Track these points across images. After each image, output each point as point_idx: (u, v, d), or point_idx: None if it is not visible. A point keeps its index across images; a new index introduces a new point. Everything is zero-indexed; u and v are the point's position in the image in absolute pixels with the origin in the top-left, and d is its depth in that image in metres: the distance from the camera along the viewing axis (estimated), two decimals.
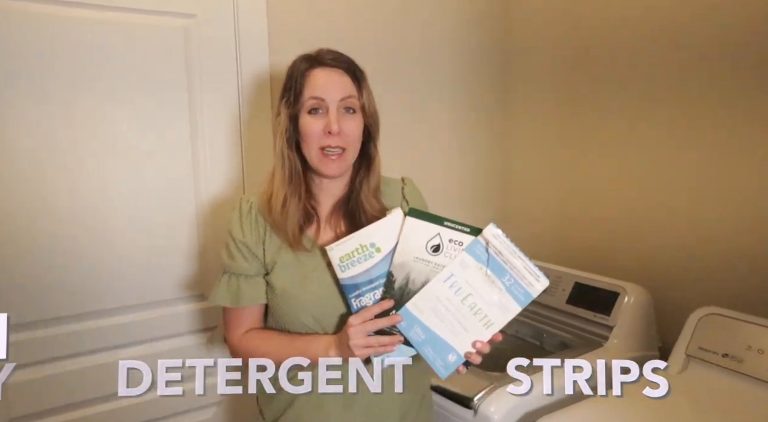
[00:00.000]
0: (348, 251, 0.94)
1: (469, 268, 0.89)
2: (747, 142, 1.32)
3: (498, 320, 0.90)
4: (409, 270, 0.93)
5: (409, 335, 0.91)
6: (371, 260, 0.94)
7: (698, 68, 1.38)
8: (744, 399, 1.09)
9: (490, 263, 0.89)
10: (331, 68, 0.99)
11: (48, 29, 1.17)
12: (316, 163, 0.99)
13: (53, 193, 1.21)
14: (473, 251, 0.90)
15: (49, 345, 1.24)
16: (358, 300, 0.94)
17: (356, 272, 0.94)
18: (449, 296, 0.90)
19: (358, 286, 0.94)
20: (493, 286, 0.89)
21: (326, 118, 0.96)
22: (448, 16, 1.73)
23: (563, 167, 1.76)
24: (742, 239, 1.34)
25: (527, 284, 0.89)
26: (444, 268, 0.91)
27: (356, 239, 0.94)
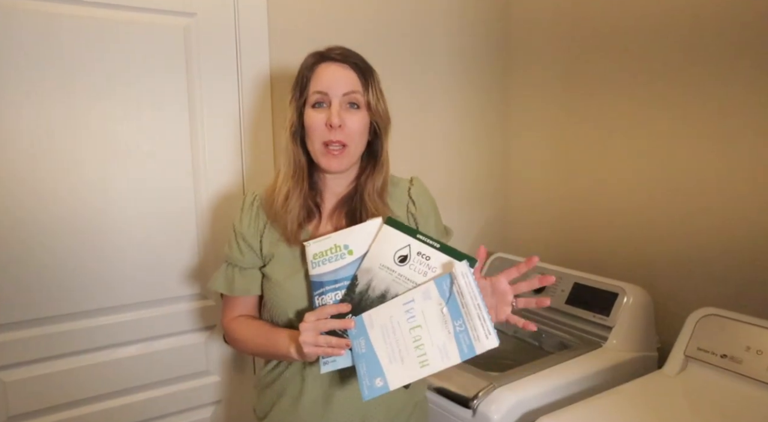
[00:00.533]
0: (322, 249, 0.95)
1: (430, 299, 0.88)
2: (747, 145, 1.32)
3: (435, 363, 0.86)
4: (372, 276, 0.92)
5: (353, 344, 0.90)
6: (341, 261, 0.94)
7: (705, 64, 1.38)
8: (742, 399, 1.09)
9: (449, 302, 0.87)
10: (337, 63, 0.99)
11: (47, 27, 1.17)
12: (319, 157, 0.99)
13: (52, 192, 1.21)
14: (440, 285, 0.88)
15: (49, 343, 1.24)
16: (321, 298, 0.94)
17: (325, 270, 0.94)
18: (401, 321, 0.88)
19: (323, 284, 0.94)
20: (444, 326, 0.86)
21: (329, 111, 0.97)
22: (449, 15, 1.73)
23: (564, 167, 1.76)
24: (741, 241, 1.34)
25: (475, 337, 0.85)
26: (406, 292, 0.90)
27: (333, 239, 0.95)
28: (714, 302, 1.35)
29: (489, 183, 1.91)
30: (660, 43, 1.46)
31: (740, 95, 1.31)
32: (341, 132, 0.97)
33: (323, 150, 0.98)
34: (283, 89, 1.44)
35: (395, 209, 1.07)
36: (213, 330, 1.43)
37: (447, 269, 0.90)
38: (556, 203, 1.79)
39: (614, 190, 1.62)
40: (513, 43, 1.86)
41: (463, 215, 1.86)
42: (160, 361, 1.37)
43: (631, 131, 1.56)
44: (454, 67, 1.76)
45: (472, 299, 0.85)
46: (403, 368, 0.87)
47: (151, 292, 1.34)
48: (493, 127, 1.89)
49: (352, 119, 0.98)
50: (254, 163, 1.44)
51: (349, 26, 1.55)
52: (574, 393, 1.22)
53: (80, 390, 1.29)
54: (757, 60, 1.27)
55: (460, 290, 0.86)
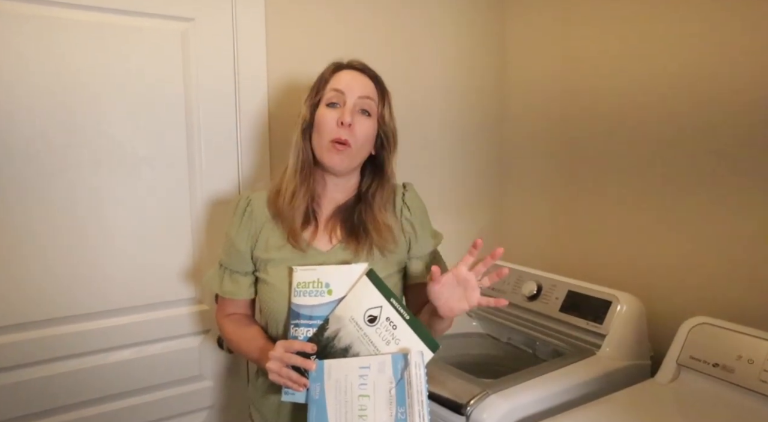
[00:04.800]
0: (306, 280, 0.96)
1: (383, 374, 0.89)
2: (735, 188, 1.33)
3: None
4: (341, 327, 0.94)
5: (310, 386, 0.91)
6: (320, 299, 0.95)
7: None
8: (734, 408, 1.10)
9: (398, 385, 0.89)
10: (357, 71, 1.04)
11: (45, 32, 1.17)
12: (323, 152, 1.01)
13: (48, 196, 1.20)
14: (395, 363, 0.90)
15: (41, 347, 1.24)
16: (295, 329, 0.96)
17: (304, 302, 0.96)
18: (353, 384, 0.90)
19: (299, 316, 0.96)
20: (388, 407, 0.88)
21: (342, 110, 1.00)
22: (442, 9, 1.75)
23: (558, 178, 1.77)
24: (733, 251, 1.35)
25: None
26: (366, 357, 0.91)
27: (318, 273, 0.96)
28: (706, 311, 1.36)
29: (485, 190, 1.92)
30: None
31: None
32: (350, 131, 0.99)
33: (329, 146, 1.00)
34: (281, 94, 1.45)
35: (391, 215, 1.08)
36: (207, 335, 1.43)
37: (408, 347, 0.91)
38: (550, 212, 1.80)
39: (609, 201, 1.63)
40: (509, 79, 1.87)
41: (459, 224, 1.87)
42: (154, 365, 1.37)
43: (629, 142, 1.57)
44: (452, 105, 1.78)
45: (417, 393, 0.88)
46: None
47: (144, 296, 1.34)
48: (489, 138, 1.90)
49: (361, 123, 1.01)
50: (250, 168, 1.44)
51: (348, 31, 1.56)
52: (568, 401, 1.22)
53: (73, 394, 1.28)
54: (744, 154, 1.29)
55: (410, 378, 0.88)
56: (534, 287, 1.60)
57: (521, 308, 1.63)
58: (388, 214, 1.07)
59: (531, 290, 1.60)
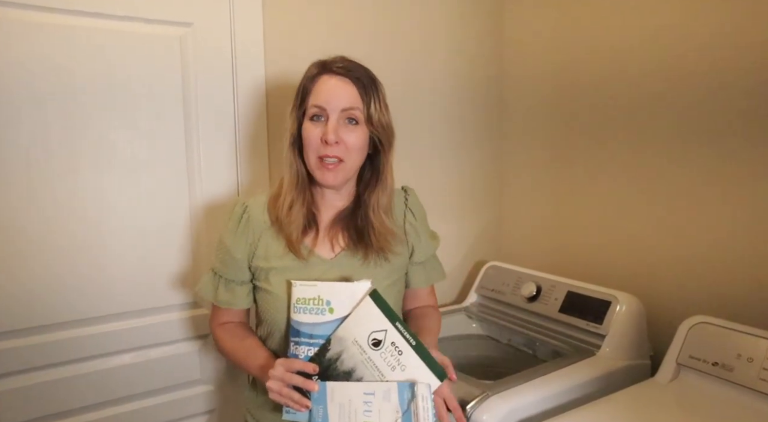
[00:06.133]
0: (306, 296, 0.93)
1: (389, 402, 0.88)
2: (733, 168, 1.34)
3: None
4: (343, 349, 0.91)
5: (312, 407, 0.90)
6: (321, 317, 0.93)
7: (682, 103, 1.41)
8: (734, 407, 1.10)
9: (404, 415, 0.88)
10: (338, 77, 0.97)
11: (45, 38, 1.17)
12: (314, 170, 0.99)
13: (47, 200, 1.21)
14: (401, 392, 0.88)
15: (41, 352, 1.24)
16: (295, 347, 0.94)
17: (304, 320, 0.93)
18: (357, 409, 0.89)
19: (299, 333, 0.94)
20: None
21: (325, 127, 0.96)
22: (443, 14, 1.75)
23: (558, 177, 1.77)
24: (731, 250, 1.36)
25: None
26: (371, 383, 0.90)
27: (318, 290, 0.93)
28: (706, 310, 1.36)
29: (484, 192, 1.92)
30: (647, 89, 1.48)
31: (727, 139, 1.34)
32: (337, 148, 0.96)
33: (318, 164, 0.97)
34: (279, 99, 1.46)
35: (392, 218, 1.07)
36: (206, 339, 1.43)
37: (415, 375, 0.90)
38: (549, 213, 1.80)
39: (607, 201, 1.63)
40: (509, 74, 1.88)
41: (458, 225, 1.87)
42: (153, 370, 1.37)
43: (628, 146, 1.57)
44: (452, 89, 1.79)
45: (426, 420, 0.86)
46: None
47: (144, 301, 1.34)
48: (490, 143, 1.91)
49: (349, 135, 0.96)
50: (250, 172, 1.44)
51: (347, 35, 1.56)
52: (568, 401, 1.22)
53: (73, 400, 1.28)
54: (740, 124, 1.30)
55: (416, 411, 0.87)
56: (533, 288, 1.61)
57: (521, 310, 1.63)
58: (389, 216, 1.05)
59: (530, 291, 1.61)
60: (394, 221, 1.07)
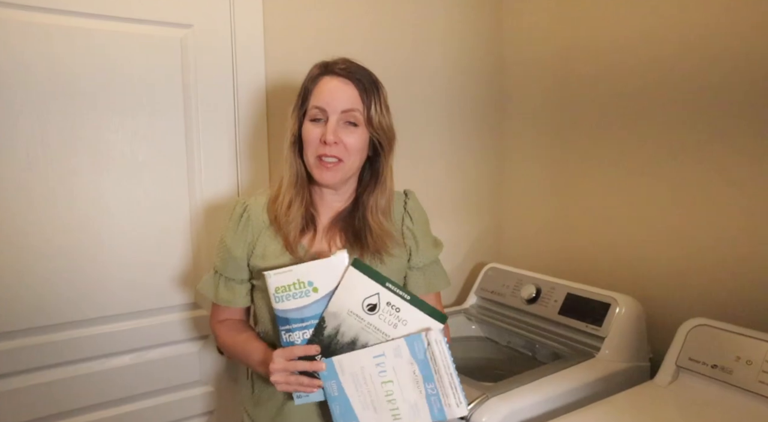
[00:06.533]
0: (285, 283, 0.92)
1: (401, 358, 0.89)
2: (733, 167, 1.34)
3: (406, 418, 0.89)
4: (340, 322, 0.92)
5: (325, 385, 0.91)
6: (306, 299, 0.92)
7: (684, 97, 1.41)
8: (733, 409, 1.10)
9: (421, 364, 0.89)
10: (339, 78, 0.98)
11: (45, 39, 1.18)
12: (313, 169, 1.00)
13: (47, 201, 1.21)
14: (411, 345, 0.89)
15: (41, 353, 1.24)
16: (288, 335, 0.93)
17: (289, 306, 0.92)
18: (372, 374, 0.89)
19: (288, 321, 0.93)
20: (415, 386, 0.88)
21: (325, 127, 0.97)
22: (442, 17, 1.76)
23: (557, 179, 1.77)
24: (731, 252, 1.36)
25: (446, 403, 0.88)
26: (377, 345, 0.90)
27: (295, 273, 0.92)
28: (705, 312, 1.36)
29: (484, 195, 1.93)
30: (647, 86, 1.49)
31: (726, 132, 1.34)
32: (336, 148, 0.97)
33: (317, 163, 0.99)
34: (279, 100, 1.46)
35: (389, 220, 1.07)
36: (206, 340, 1.43)
37: (417, 326, 0.91)
38: (549, 215, 1.80)
39: (607, 204, 1.63)
40: (508, 72, 1.88)
41: (458, 226, 1.87)
42: (153, 371, 1.37)
43: (626, 149, 1.57)
44: (453, 89, 1.79)
45: (444, 367, 0.88)
46: (376, 416, 0.90)
47: (144, 301, 1.34)
48: (490, 143, 1.91)
49: (348, 137, 0.98)
50: (250, 173, 1.45)
51: (346, 38, 1.57)
52: (567, 404, 1.22)
53: (73, 401, 1.28)
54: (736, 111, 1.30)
55: (434, 356, 0.88)
56: (533, 290, 1.61)
57: (520, 312, 1.63)
58: (387, 218, 1.05)
59: (530, 293, 1.61)
60: (392, 224, 1.07)
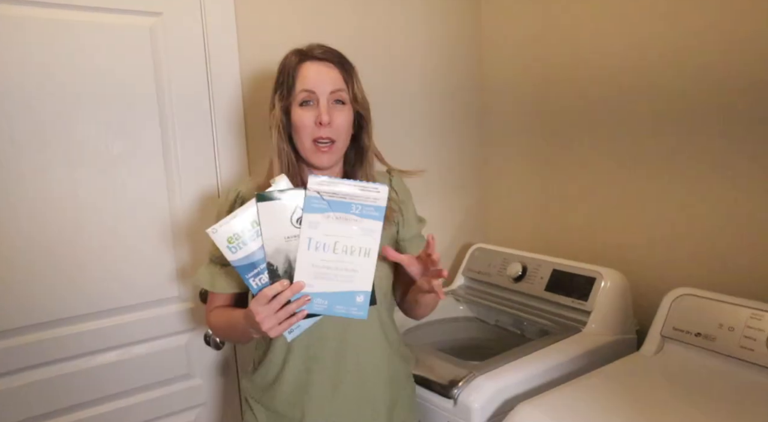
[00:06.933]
0: (237, 231, 0.89)
1: (319, 223, 0.88)
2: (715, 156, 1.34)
3: (371, 244, 0.89)
4: (286, 252, 0.90)
5: (313, 310, 0.90)
6: (258, 241, 0.90)
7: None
8: (716, 375, 1.11)
9: (332, 207, 0.88)
10: (321, 62, 1.02)
11: (7, 30, 1.14)
12: (309, 154, 1.02)
13: (20, 198, 1.19)
14: (311, 207, 0.88)
15: (26, 353, 1.22)
16: (258, 278, 0.91)
17: (251, 249, 0.90)
18: (322, 257, 0.89)
19: (255, 265, 0.90)
20: (348, 222, 0.88)
21: (317, 109, 1.00)
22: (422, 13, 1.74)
23: (539, 160, 1.77)
24: (710, 223, 1.37)
25: (373, 200, 0.88)
26: (301, 239, 0.89)
27: (242, 217, 0.89)
28: (689, 282, 1.37)
29: (468, 174, 1.92)
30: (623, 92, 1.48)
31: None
32: (329, 129, 1.00)
33: (313, 147, 1.01)
34: (255, 88, 1.44)
35: None
36: (193, 333, 1.42)
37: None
38: (532, 193, 1.80)
39: (589, 181, 1.63)
40: (491, 57, 1.87)
41: (443, 209, 1.87)
42: (141, 366, 1.36)
43: (606, 124, 1.57)
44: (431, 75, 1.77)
45: (345, 187, 0.88)
46: (358, 274, 0.90)
47: (127, 297, 1.32)
48: (470, 123, 1.90)
49: (339, 116, 1.01)
50: (229, 163, 1.43)
51: (321, 23, 1.54)
52: (555, 379, 1.23)
53: (61, 399, 1.27)
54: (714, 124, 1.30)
55: (332, 192, 0.88)
56: (519, 268, 1.61)
57: (507, 290, 1.64)
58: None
59: (516, 271, 1.61)
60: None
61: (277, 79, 1.04)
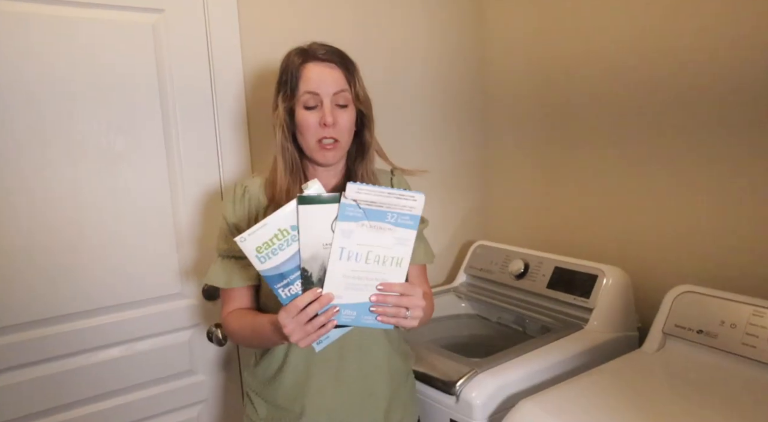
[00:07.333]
0: (266, 240, 0.86)
1: (352, 232, 0.86)
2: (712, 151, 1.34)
3: (404, 254, 0.88)
4: (323, 259, 0.87)
5: (341, 321, 0.89)
6: (296, 245, 0.87)
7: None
8: (718, 372, 1.11)
9: (368, 216, 0.86)
10: (323, 63, 1.02)
11: (11, 27, 1.15)
12: (313, 152, 1.04)
13: (26, 196, 1.19)
14: (347, 216, 0.85)
15: (29, 348, 1.23)
16: (288, 289, 0.89)
17: (280, 260, 0.87)
18: (353, 267, 0.87)
19: (284, 275, 0.88)
20: (382, 232, 0.86)
21: (321, 111, 1.01)
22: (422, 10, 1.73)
23: (541, 157, 1.77)
24: (712, 220, 1.36)
25: (408, 209, 0.86)
26: (333, 246, 0.86)
27: (272, 225, 0.86)
28: (691, 279, 1.37)
29: (469, 173, 1.92)
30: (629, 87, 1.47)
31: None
32: (334, 129, 1.01)
33: (317, 146, 1.02)
34: (258, 84, 1.44)
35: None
36: (195, 329, 1.43)
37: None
38: (535, 190, 1.80)
39: (592, 177, 1.63)
40: (494, 55, 1.87)
41: (445, 206, 1.87)
42: (144, 362, 1.36)
43: (610, 122, 1.57)
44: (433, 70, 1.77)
45: (381, 196, 0.85)
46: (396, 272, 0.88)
47: (130, 293, 1.33)
48: (473, 120, 1.90)
49: (342, 117, 1.02)
50: (231, 159, 1.43)
51: (323, 20, 1.54)
52: (556, 376, 1.23)
53: (63, 396, 1.27)
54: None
55: (369, 201, 0.85)
56: (521, 265, 1.61)
57: (509, 287, 1.64)
58: (376, 178, 1.10)
59: (518, 268, 1.61)
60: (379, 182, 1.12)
61: (280, 78, 1.05)
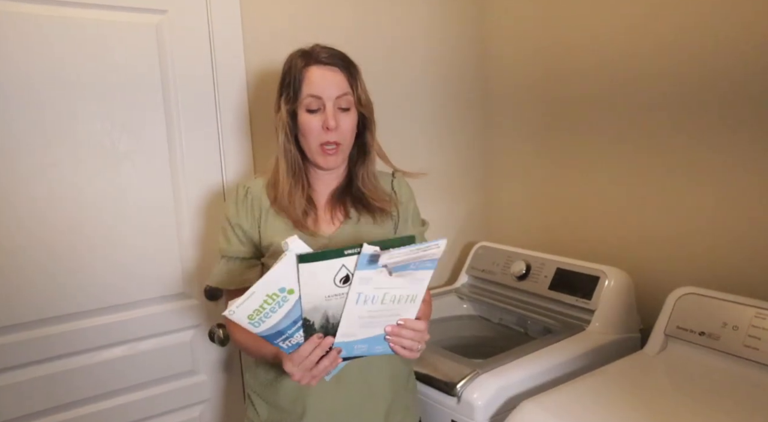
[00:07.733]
0: (256, 307, 0.85)
1: (371, 279, 0.85)
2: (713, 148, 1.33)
3: (419, 291, 0.89)
4: (324, 309, 0.87)
5: (354, 354, 0.90)
6: (288, 304, 0.86)
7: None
8: (720, 374, 1.11)
9: (394, 269, 0.85)
10: (326, 66, 1.03)
11: (15, 28, 1.15)
12: (315, 156, 1.04)
13: (26, 194, 1.19)
14: (366, 265, 0.84)
15: (31, 348, 1.23)
16: (288, 341, 0.89)
17: (274, 321, 0.87)
18: (369, 309, 0.87)
19: (282, 332, 0.88)
20: (402, 276, 0.86)
21: (323, 114, 1.01)
22: (425, 10, 1.73)
23: (543, 157, 1.77)
24: (715, 221, 1.36)
25: (430, 256, 0.85)
26: (349, 294, 0.86)
27: (260, 293, 0.85)
28: (693, 281, 1.37)
29: (471, 174, 1.92)
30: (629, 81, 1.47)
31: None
32: (336, 133, 1.02)
33: (319, 150, 1.03)
34: (260, 85, 1.44)
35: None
36: (197, 329, 1.43)
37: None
38: (537, 191, 1.80)
39: (593, 178, 1.63)
40: (495, 52, 1.87)
41: (447, 207, 1.87)
42: (146, 362, 1.36)
43: (611, 121, 1.57)
44: (434, 72, 1.77)
45: (404, 254, 0.83)
46: (402, 316, 0.91)
47: (132, 293, 1.33)
48: (474, 121, 1.90)
49: (344, 121, 1.03)
50: (234, 160, 1.43)
51: (325, 21, 1.54)
52: (558, 377, 1.23)
53: (65, 395, 1.28)
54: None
55: (394, 261, 0.84)
56: (523, 266, 1.61)
57: (511, 289, 1.64)
58: (377, 180, 1.11)
59: (520, 269, 1.61)
60: (382, 186, 1.13)
61: (283, 80, 1.05)
